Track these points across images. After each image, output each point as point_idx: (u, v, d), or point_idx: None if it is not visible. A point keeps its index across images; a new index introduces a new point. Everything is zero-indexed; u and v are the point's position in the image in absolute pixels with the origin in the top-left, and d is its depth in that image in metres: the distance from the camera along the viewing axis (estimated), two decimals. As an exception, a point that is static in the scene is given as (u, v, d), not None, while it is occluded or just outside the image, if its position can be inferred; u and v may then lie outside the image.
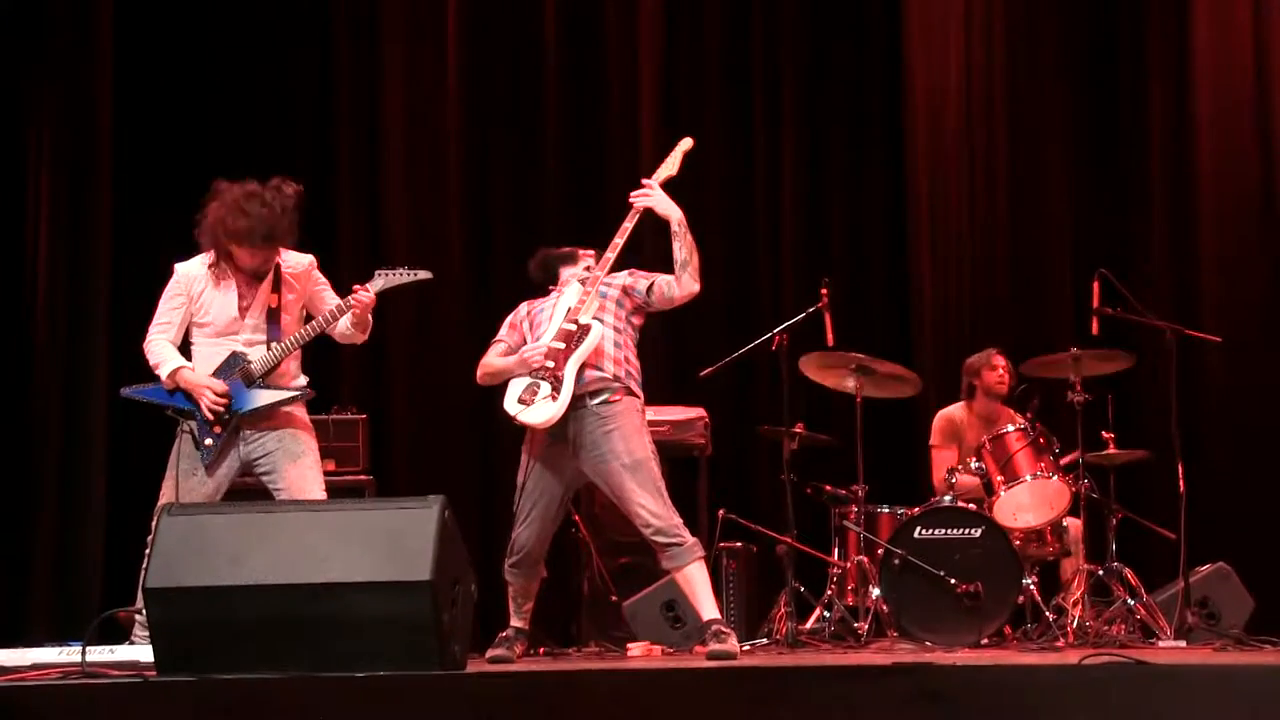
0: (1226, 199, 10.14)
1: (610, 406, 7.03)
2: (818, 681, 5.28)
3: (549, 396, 6.94)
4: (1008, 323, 10.17)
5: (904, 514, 8.41)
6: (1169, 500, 8.15)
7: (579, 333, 7.01)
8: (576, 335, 7.01)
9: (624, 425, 7.02)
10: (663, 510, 6.95)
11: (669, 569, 7.05)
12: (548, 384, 6.96)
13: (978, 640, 7.86)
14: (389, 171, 10.35)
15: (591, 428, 7.01)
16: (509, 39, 10.54)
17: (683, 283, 7.11)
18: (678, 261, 7.10)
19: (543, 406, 6.94)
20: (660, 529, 6.93)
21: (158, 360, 7.00)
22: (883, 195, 10.63)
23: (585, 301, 7.11)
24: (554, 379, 6.95)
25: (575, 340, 7.00)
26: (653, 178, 7.29)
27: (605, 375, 7.05)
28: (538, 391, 6.97)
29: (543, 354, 7.00)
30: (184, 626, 5.52)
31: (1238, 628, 8.13)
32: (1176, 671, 5.29)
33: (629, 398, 7.09)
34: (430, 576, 5.43)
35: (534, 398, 6.96)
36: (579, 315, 7.07)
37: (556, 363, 6.97)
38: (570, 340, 7.00)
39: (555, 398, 6.93)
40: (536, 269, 7.53)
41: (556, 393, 6.94)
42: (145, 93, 10.09)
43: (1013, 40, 10.52)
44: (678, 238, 7.09)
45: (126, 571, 7.24)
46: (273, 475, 6.94)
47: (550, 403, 6.93)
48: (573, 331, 7.02)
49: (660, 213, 7.16)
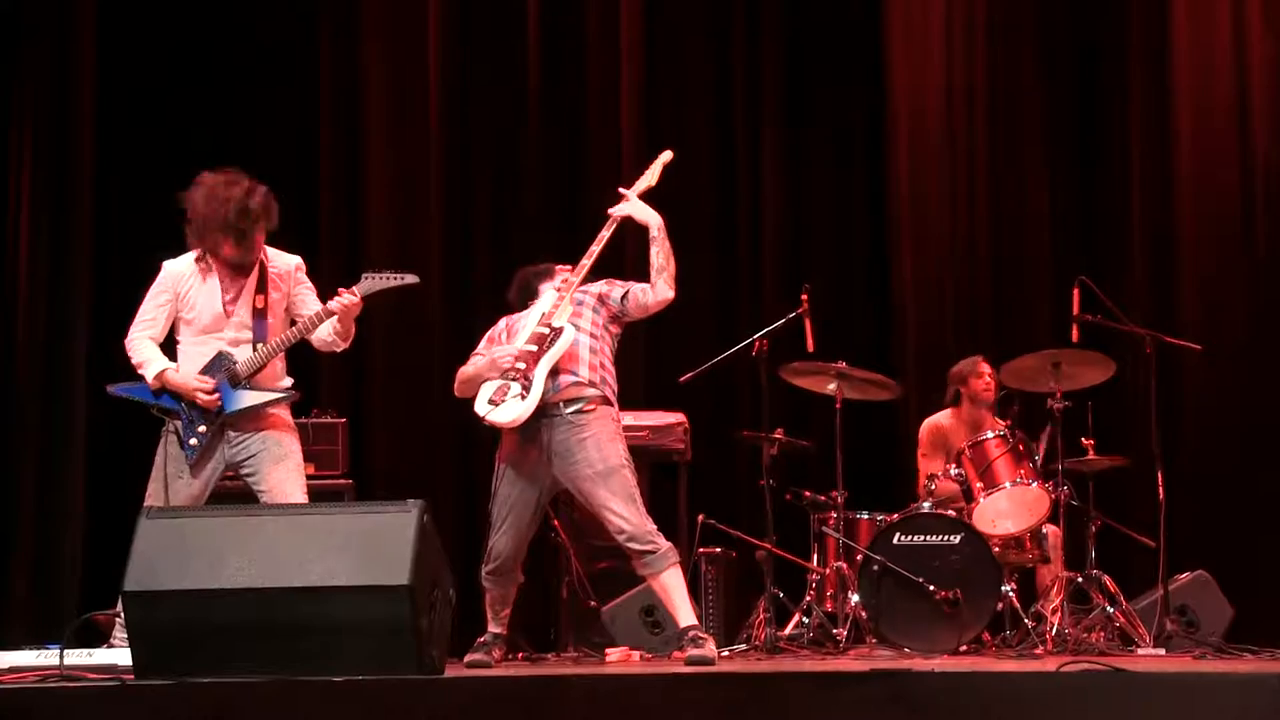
0: (1206, 205, 10.14)
1: (584, 415, 7.00)
2: (796, 687, 5.29)
3: (518, 396, 6.92)
4: (988, 328, 10.18)
5: (883, 520, 8.40)
6: (1148, 507, 8.18)
7: (551, 335, 7.01)
8: (549, 338, 7.00)
9: (598, 433, 7.00)
10: (636, 517, 6.92)
11: (644, 575, 7.05)
12: (518, 384, 6.94)
13: (956, 647, 7.86)
14: (370, 175, 10.34)
15: (564, 435, 6.99)
16: (490, 42, 10.53)
17: (658, 289, 7.11)
18: (654, 267, 7.10)
19: (511, 405, 6.92)
20: (633, 535, 6.91)
21: (141, 360, 6.98)
22: (864, 200, 10.63)
23: (559, 306, 7.11)
24: (524, 379, 6.93)
25: (548, 343, 6.99)
26: (631, 189, 7.30)
27: (580, 379, 7.03)
28: (507, 391, 6.95)
29: (514, 355, 6.99)
30: (163, 630, 5.52)
31: (1217, 636, 8.15)
32: (1155, 679, 5.29)
33: (604, 406, 7.07)
34: (409, 581, 5.44)
35: (504, 397, 6.95)
36: (552, 319, 7.07)
37: (527, 364, 6.96)
38: (542, 342, 7.00)
39: (524, 397, 6.91)
40: (516, 291, 7.51)
41: (526, 392, 6.92)
42: (127, 92, 10.09)
43: (994, 46, 10.52)
44: (656, 242, 7.10)
45: (105, 574, 7.22)
46: (256, 477, 6.92)
47: (519, 401, 6.91)
48: (544, 334, 7.02)
49: (639, 219, 7.18)
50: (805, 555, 8.68)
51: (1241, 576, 8.94)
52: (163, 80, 10.12)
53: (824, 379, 8.71)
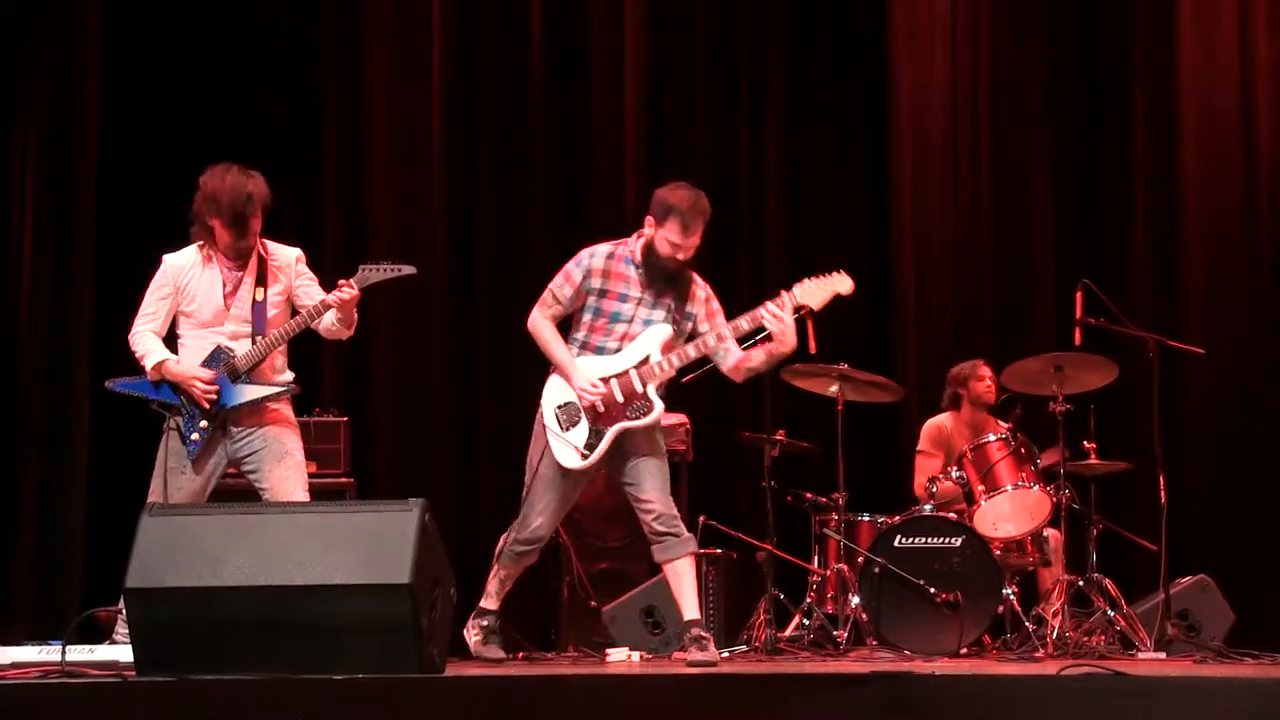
0: (1210, 208, 10.13)
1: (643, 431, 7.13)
2: (796, 689, 5.29)
3: (579, 451, 7.01)
4: (991, 331, 10.18)
5: (884, 522, 8.40)
6: (1150, 511, 8.16)
7: (642, 403, 7.02)
8: (638, 404, 7.02)
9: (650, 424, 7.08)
10: (666, 500, 7.05)
11: (660, 561, 7.11)
12: (587, 429, 7.00)
13: (957, 649, 7.86)
14: (374, 169, 10.33)
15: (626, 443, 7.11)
16: (494, 36, 10.52)
17: (735, 375, 7.19)
18: (749, 366, 7.12)
19: (570, 454, 7.02)
20: (662, 515, 7.00)
21: (142, 352, 6.98)
22: (866, 201, 10.63)
23: (663, 370, 7.05)
24: (594, 432, 7.00)
25: (634, 411, 7.01)
26: (792, 296, 7.10)
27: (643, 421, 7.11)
28: (575, 426, 7.02)
29: (600, 396, 6.99)
30: (164, 627, 5.52)
31: (1218, 640, 8.13)
32: (1156, 683, 5.29)
33: None
34: (410, 580, 5.44)
35: (569, 430, 7.02)
36: (649, 381, 7.02)
37: (606, 412, 7.00)
38: (630, 402, 7.01)
39: (584, 456, 7.01)
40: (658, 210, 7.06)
41: (589, 451, 7.00)
42: (131, 90, 10.07)
43: (998, 47, 10.52)
44: (770, 358, 7.09)
45: (108, 570, 7.22)
46: (258, 474, 6.93)
47: (578, 458, 7.02)
48: (637, 394, 7.01)
49: (777, 338, 7.03)
50: (806, 557, 8.69)
51: (1243, 581, 8.94)
52: (167, 76, 10.10)
53: (826, 381, 8.71)
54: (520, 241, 10.22)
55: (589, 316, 7.12)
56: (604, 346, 7.10)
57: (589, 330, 7.13)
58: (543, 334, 7.16)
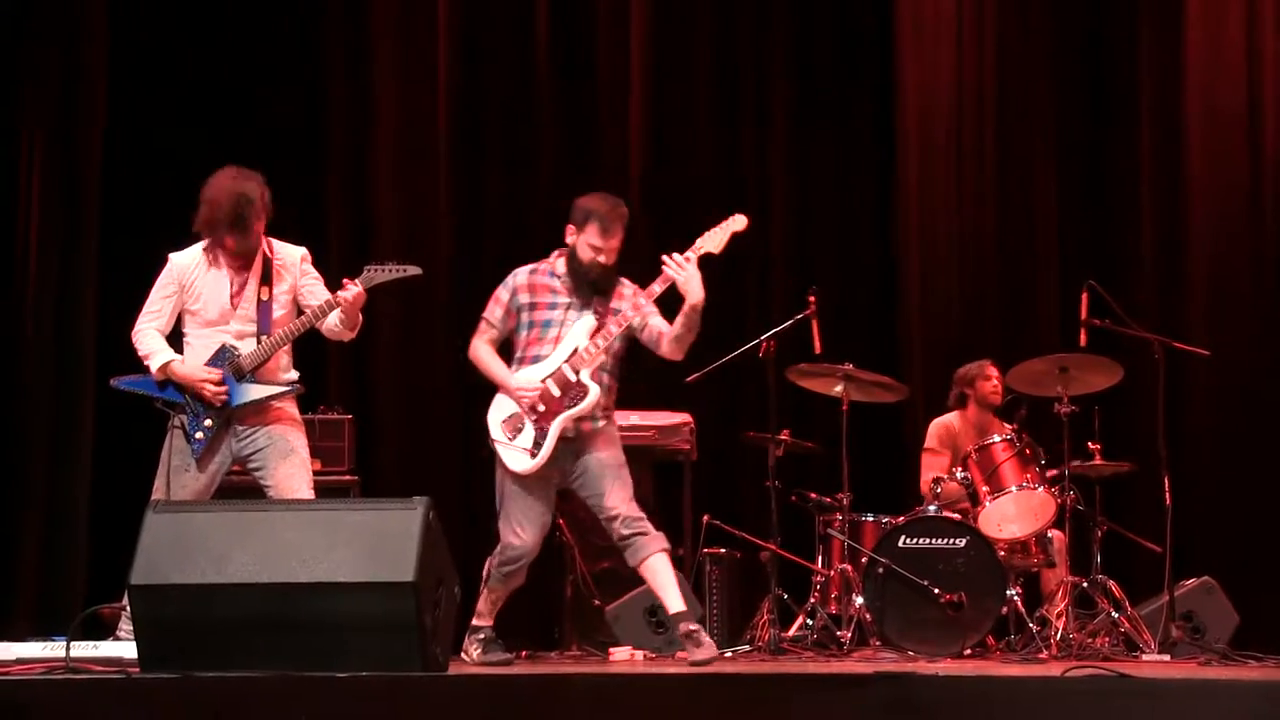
0: (1216, 207, 10.13)
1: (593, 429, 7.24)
2: (799, 689, 5.29)
3: (528, 451, 7.14)
4: (996, 331, 10.16)
5: (888, 522, 8.40)
6: (1154, 513, 8.15)
7: (576, 390, 7.11)
8: (574, 392, 7.11)
9: (607, 433, 7.26)
10: (629, 504, 7.16)
11: (633, 564, 7.21)
12: (532, 430, 7.12)
13: (961, 651, 7.86)
14: (379, 169, 10.32)
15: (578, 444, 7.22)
16: (500, 36, 10.52)
17: (668, 348, 7.23)
18: (673, 334, 7.17)
19: (520, 457, 7.16)
20: (625, 518, 7.11)
21: (147, 351, 6.98)
22: (872, 201, 10.62)
23: (591, 354, 7.15)
24: (539, 429, 7.11)
25: (570, 398, 7.10)
26: (693, 248, 7.19)
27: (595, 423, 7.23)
28: (520, 432, 7.15)
29: (536, 395, 7.11)
30: (168, 623, 5.53)
31: (1222, 642, 8.13)
32: (1160, 685, 5.30)
33: (608, 422, 7.31)
34: (414, 578, 5.45)
35: (515, 437, 7.16)
36: (580, 367, 7.13)
37: (548, 407, 7.10)
38: (566, 393, 7.11)
39: (534, 454, 7.13)
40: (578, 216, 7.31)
41: (537, 449, 7.12)
42: (137, 91, 10.06)
43: (1004, 46, 10.52)
44: (686, 317, 7.11)
45: (112, 567, 7.22)
46: (263, 472, 6.94)
47: (528, 458, 7.15)
48: (571, 384, 7.11)
49: (681, 289, 7.10)
50: (810, 557, 8.68)
51: (1248, 583, 8.93)
52: (173, 75, 10.10)
53: (831, 381, 8.71)
54: (525, 241, 10.20)
55: (524, 332, 7.32)
56: (540, 355, 7.26)
57: (525, 345, 7.32)
58: (480, 357, 7.39)
